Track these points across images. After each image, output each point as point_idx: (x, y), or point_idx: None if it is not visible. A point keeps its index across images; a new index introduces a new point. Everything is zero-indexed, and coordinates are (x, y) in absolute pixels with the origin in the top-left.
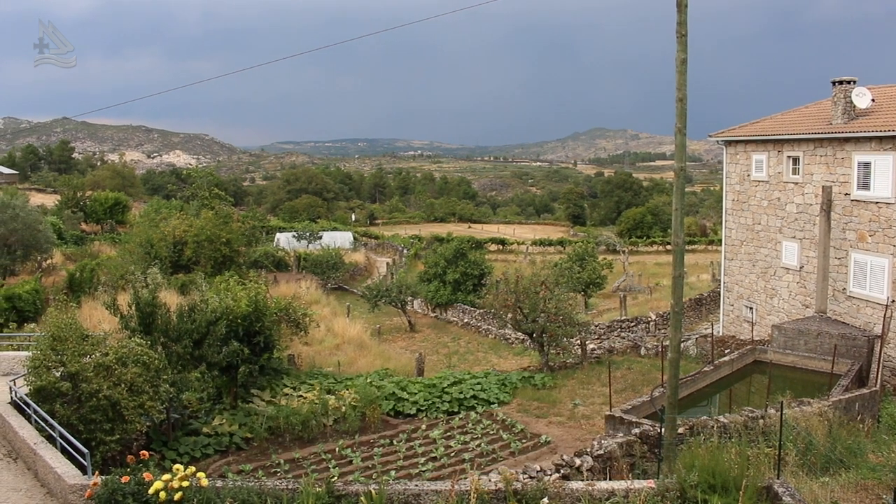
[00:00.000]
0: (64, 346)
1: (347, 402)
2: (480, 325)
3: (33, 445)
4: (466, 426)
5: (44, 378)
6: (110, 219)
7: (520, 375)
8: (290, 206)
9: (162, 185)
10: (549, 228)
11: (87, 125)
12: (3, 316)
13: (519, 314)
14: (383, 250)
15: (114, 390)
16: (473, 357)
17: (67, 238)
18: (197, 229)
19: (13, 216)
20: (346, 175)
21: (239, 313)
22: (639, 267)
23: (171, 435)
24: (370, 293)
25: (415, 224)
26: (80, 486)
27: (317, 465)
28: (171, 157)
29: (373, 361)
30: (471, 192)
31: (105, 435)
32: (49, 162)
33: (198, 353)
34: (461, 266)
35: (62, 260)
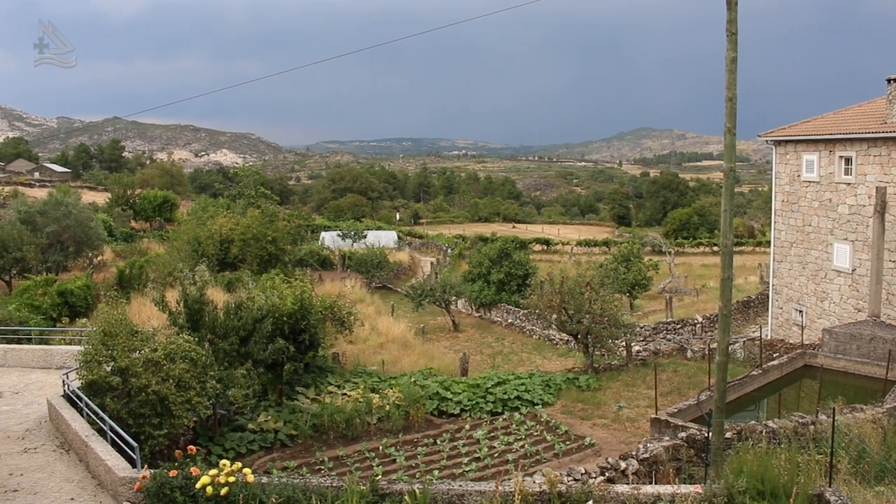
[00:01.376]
0: (114, 341)
1: (391, 401)
2: (524, 325)
3: (85, 438)
4: (510, 427)
5: (95, 372)
6: (159, 216)
7: (564, 377)
8: (335, 205)
9: (209, 183)
10: (594, 229)
11: (136, 124)
12: (56, 311)
13: (564, 315)
14: (427, 250)
15: (162, 385)
16: (517, 357)
17: (117, 235)
18: (243, 227)
19: (66, 213)
20: (390, 174)
21: (285, 311)
22: (685, 268)
23: (217, 430)
24: (414, 292)
25: (459, 224)
26: (129, 478)
27: (360, 464)
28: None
29: (417, 361)
30: (515, 191)
31: (153, 429)
32: (100, 160)
33: (244, 350)
34: (505, 266)
35: (112, 257)
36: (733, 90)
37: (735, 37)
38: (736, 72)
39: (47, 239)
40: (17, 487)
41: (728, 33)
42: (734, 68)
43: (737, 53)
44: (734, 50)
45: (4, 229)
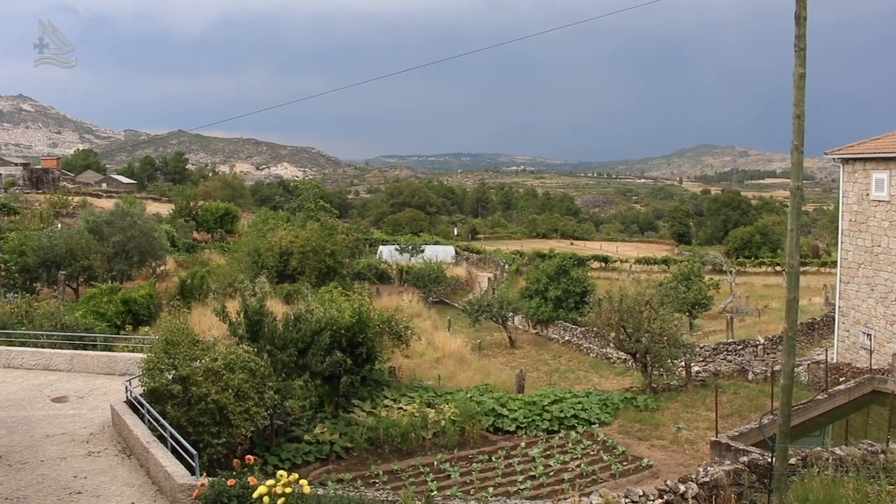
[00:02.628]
0: (176, 350)
1: (447, 417)
2: (582, 343)
3: (146, 444)
4: (566, 445)
5: (157, 380)
6: (220, 228)
7: (622, 396)
8: (394, 219)
9: (270, 196)
10: (654, 247)
11: (200, 138)
12: (120, 318)
13: (622, 333)
14: (485, 265)
15: (221, 395)
16: (574, 375)
17: (180, 246)
18: (303, 240)
19: (131, 224)
20: (448, 189)
21: (343, 324)
22: (746, 288)
23: (273, 441)
24: (471, 308)
25: (517, 239)
26: (188, 485)
27: (415, 478)
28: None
29: (473, 376)
30: (573, 208)
31: (212, 438)
32: (164, 172)
33: (302, 362)
34: (563, 283)
35: (174, 266)
36: (801, 107)
37: (804, 52)
38: (804, 88)
39: (113, 248)
40: (81, 490)
41: (796, 49)
42: (802, 84)
43: (805, 69)
44: (803, 66)
45: (73, 238)
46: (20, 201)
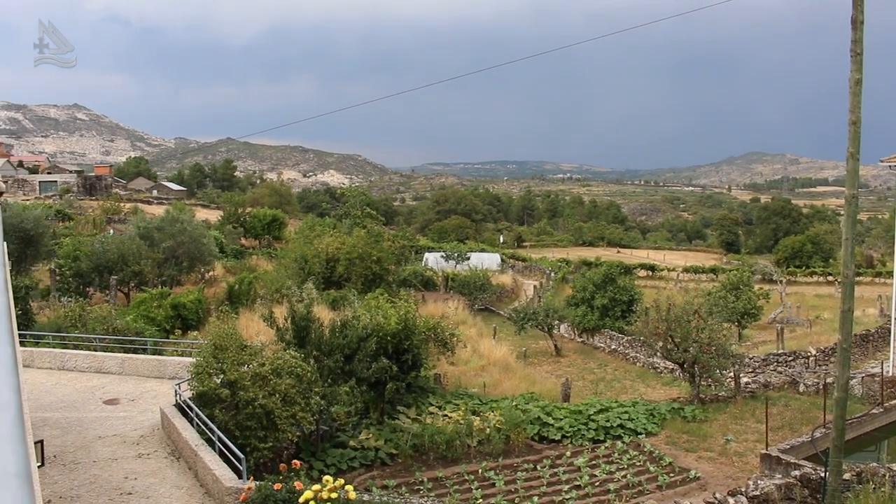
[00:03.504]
0: (224, 354)
1: (492, 425)
2: (628, 352)
3: (194, 447)
4: (612, 455)
5: (205, 384)
6: (268, 234)
7: (669, 406)
8: (439, 226)
9: (316, 203)
10: (702, 255)
11: (248, 145)
12: (169, 323)
13: (670, 343)
14: (531, 273)
15: (269, 400)
16: (620, 385)
17: (228, 252)
18: (349, 247)
19: (181, 230)
20: (494, 197)
21: (389, 331)
22: (797, 298)
23: (319, 446)
24: (517, 316)
25: (563, 247)
26: (235, 489)
27: (459, 486)
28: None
29: (518, 384)
30: (620, 216)
31: (259, 442)
32: (213, 179)
33: (348, 368)
34: (610, 291)
35: (223, 272)
36: (857, 113)
37: (860, 57)
38: (860, 94)
39: (163, 254)
40: (132, 491)
41: (853, 54)
42: (859, 90)
43: (862, 75)
44: (859, 71)
45: (125, 244)
46: (74, 208)
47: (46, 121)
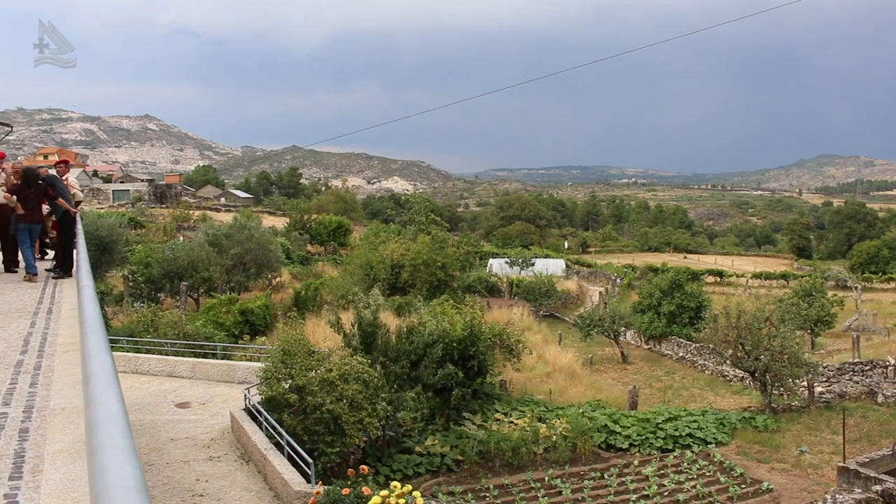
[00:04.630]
0: (293, 360)
1: (559, 432)
2: (696, 359)
3: (264, 451)
4: (681, 465)
5: (274, 388)
6: (333, 241)
7: (739, 416)
8: (504, 232)
9: (381, 209)
10: (771, 261)
11: (313, 153)
12: (237, 328)
13: (740, 351)
14: (596, 279)
15: (336, 405)
16: (688, 393)
17: (294, 258)
18: (414, 253)
19: (249, 237)
20: (558, 202)
21: (454, 337)
22: (873, 305)
23: (385, 451)
24: (583, 322)
25: (628, 253)
26: (304, 493)
27: (525, 493)
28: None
29: (584, 391)
30: (687, 221)
31: (326, 447)
32: (279, 187)
33: (414, 374)
34: (677, 298)
35: (289, 278)
36: None
37: None
38: None
39: (231, 260)
40: (203, 493)
41: None
42: None
43: None
44: None
45: (194, 250)
46: (146, 215)
47: (119, 131)
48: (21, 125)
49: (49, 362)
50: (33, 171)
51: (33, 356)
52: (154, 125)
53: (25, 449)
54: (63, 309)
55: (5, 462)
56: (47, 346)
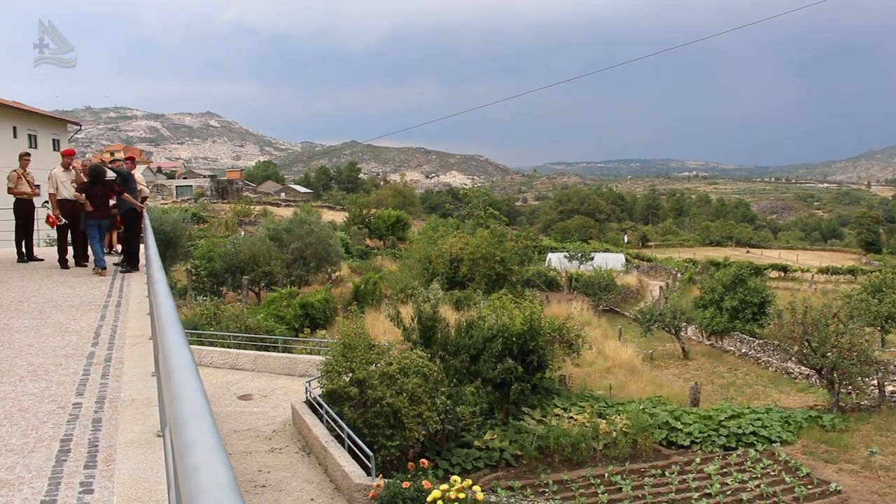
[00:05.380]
0: (353, 353)
1: (619, 428)
2: (760, 356)
3: (325, 443)
4: (744, 464)
5: (335, 382)
6: (392, 235)
7: (805, 414)
8: (562, 226)
9: (439, 203)
10: (838, 255)
11: (372, 148)
12: (298, 322)
13: (806, 348)
14: (656, 273)
15: (396, 399)
16: (751, 390)
17: (353, 252)
18: (473, 247)
19: (308, 231)
20: (618, 196)
21: (514, 331)
22: None
23: (444, 445)
24: (643, 317)
25: (689, 247)
26: (364, 485)
27: (585, 490)
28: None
29: (644, 387)
30: (749, 214)
31: (386, 440)
32: (338, 182)
33: (473, 369)
34: (740, 293)
35: (348, 272)
36: None
37: None
38: None
39: (292, 254)
40: (265, 483)
41: None
42: None
43: None
44: None
45: (256, 245)
46: (208, 210)
47: (182, 128)
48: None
49: (119, 354)
50: (100, 168)
51: (104, 348)
52: (215, 122)
53: (99, 438)
54: (131, 302)
55: (80, 451)
56: (117, 339)
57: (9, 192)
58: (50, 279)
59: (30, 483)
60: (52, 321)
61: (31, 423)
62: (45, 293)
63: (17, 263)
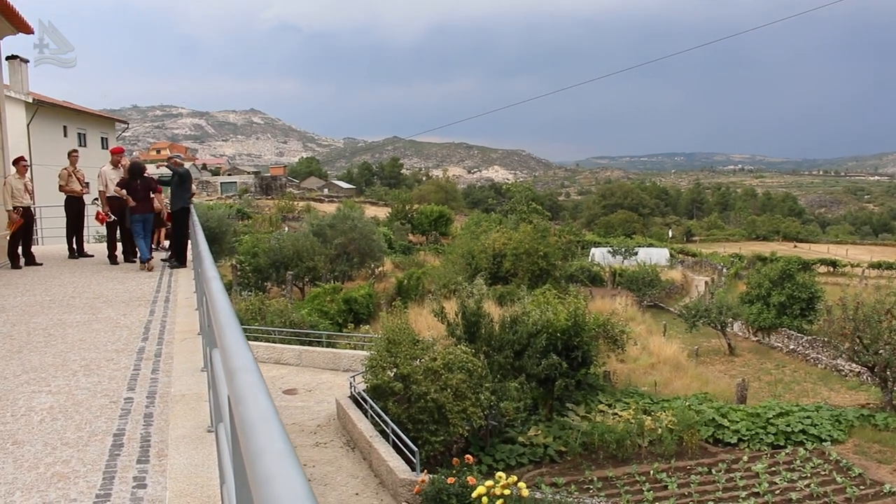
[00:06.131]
0: (398, 348)
1: (664, 425)
2: (808, 352)
3: (369, 438)
4: (793, 463)
5: (379, 377)
6: (434, 230)
7: (857, 412)
8: (606, 221)
9: (481, 199)
10: (890, 250)
11: (414, 143)
12: (341, 317)
13: (857, 344)
14: (701, 268)
15: (440, 394)
16: (800, 387)
17: (396, 247)
18: (516, 242)
19: (352, 227)
20: (662, 190)
21: (558, 327)
22: None
23: (488, 441)
24: (688, 313)
25: (734, 242)
26: (409, 481)
27: (630, 487)
28: (489, 172)
29: (689, 384)
30: (797, 208)
31: (430, 435)
32: (381, 177)
33: (518, 364)
34: (787, 288)
35: (391, 268)
36: None
37: None
38: None
39: (335, 250)
40: (311, 478)
41: None
42: None
43: None
44: None
45: (300, 240)
46: (252, 207)
47: (226, 125)
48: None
49: (168, 349)
50: (139, 164)
51: (153, 343)
52: (259, 119)
53: (150, 433)
54: (179, 298)
55: (133, 445)
56: (166, 334)
57: (60, 189)
58: (100, 275)
59: (85, 477)
60: (102, 316)
61: (84, 417)
62: (96, 289)
63: (68, 259)
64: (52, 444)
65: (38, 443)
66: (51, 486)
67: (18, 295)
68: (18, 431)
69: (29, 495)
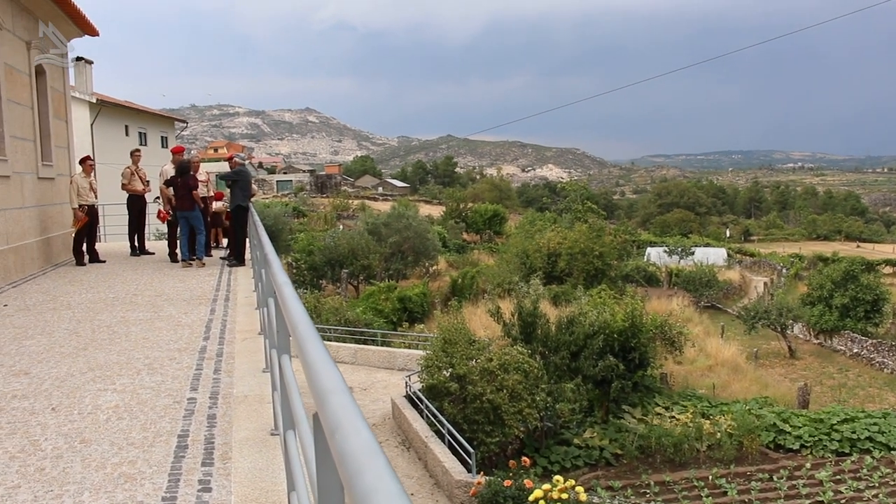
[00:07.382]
0: (454, 348)
1: (723, 429)
2: (874, 356)
3: (425, 438)
4: (860, 471)
5: (435, 377)
6: (489, 229)
7: None
8: (661, 220)
9: (536, 197)
10: None
11: (468, 142)
12: (396, 315)
13: None
14: (759, 269)
15: (496, 395)
16: (865, 392)
17: (450, 246)
18: (571, 242)
19: (406, 225)
20: (719, 189)
21: (615, 328)
22: None
23: (543, 443)
24: (747, 314)
25: (794, 242)
26: (465, 482)
27: (688, 492)
28: (543, 170)
29: (748, 387)
30: (859, 207)
31: (485, 436)
32: (435, 176)
33: (574, 365)
34: (851, 290)
35: (445, 266)
36: None
37: None
38: None
39: (390, 248)
40: None
41: None
42: None
43: None
44: None
45: (354, 239)
46: (307, 205)
47: (282, 124)
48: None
49: (230, 349)
50: (183, 162)
51: (215, 343)
52: (314, 118)
53: (214, 435)
54: (238, 297)
55: (197, 447)
56: (227, 333)
57: (122, 188)
58: (161, 272)
59: (150, 478)
60: (164, 314)
61: (149, 417)
62: (157, 286)
63: (129, 257)
64: (119, 443)
65: (105, 442)
66: (118, 486)
67: (83, 292)
68: (86, 430)
69: (97, 496)
